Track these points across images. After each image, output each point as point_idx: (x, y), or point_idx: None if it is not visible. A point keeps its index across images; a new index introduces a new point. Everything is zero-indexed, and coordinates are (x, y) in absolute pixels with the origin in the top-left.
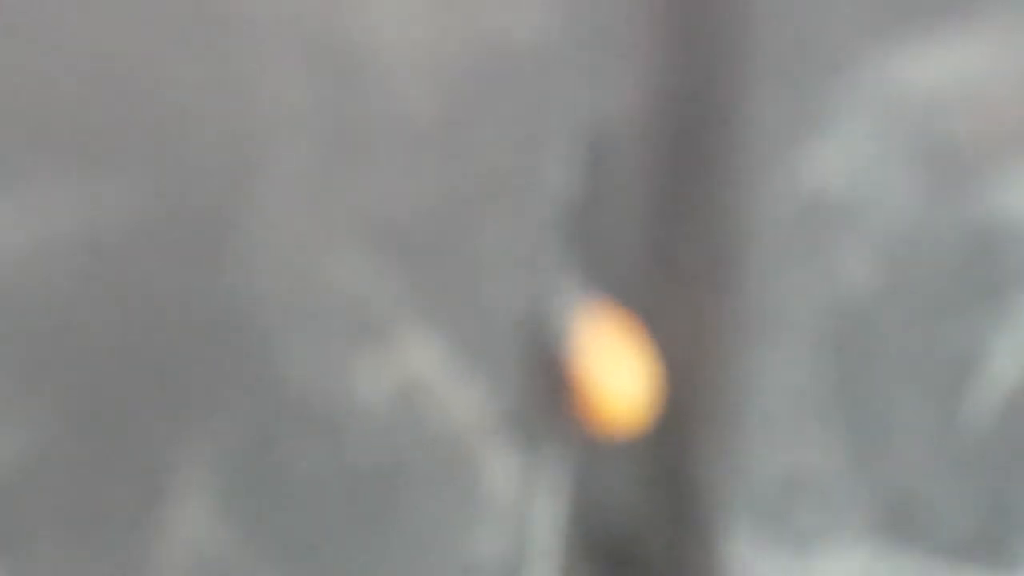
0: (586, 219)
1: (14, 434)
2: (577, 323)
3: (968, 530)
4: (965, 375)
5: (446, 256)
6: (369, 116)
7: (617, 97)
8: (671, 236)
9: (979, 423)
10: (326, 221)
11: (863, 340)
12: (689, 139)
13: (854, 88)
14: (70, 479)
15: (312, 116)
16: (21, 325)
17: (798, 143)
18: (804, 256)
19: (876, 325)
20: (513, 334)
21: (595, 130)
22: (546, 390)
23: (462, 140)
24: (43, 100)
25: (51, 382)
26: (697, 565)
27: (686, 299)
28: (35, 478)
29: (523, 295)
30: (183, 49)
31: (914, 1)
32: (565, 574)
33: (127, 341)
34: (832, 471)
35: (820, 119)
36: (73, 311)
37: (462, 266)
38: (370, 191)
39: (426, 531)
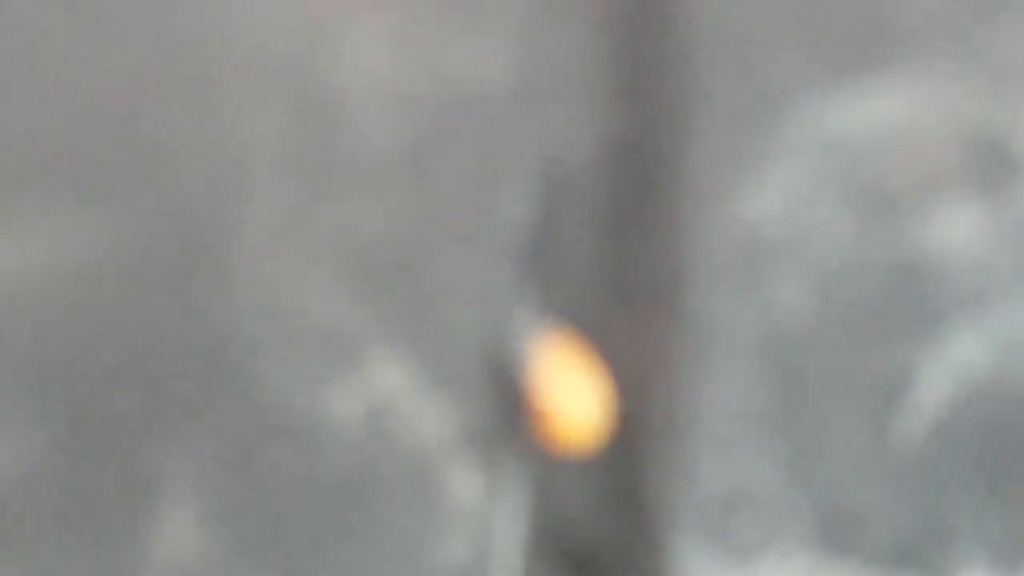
0: (542, 250)
1: (12, 446)
2: (535, 347)
3: (900, 541)
4: (895, 397)
5: (413, 283)
6: (341, 153)
7: (571, 137)
8: (622, 266)
9: (908, 442)
10: (301, 251)
11: (800, 365)
12: (638, 177)
13: (789, 132)
14: (64, 487)
15: (288, 153)
16: (16, 346)
17: (738, 182)
18: (745, 286)
19: (812, 351)
20: (475, 357)
21: (550, 167)
22: (506, 409)
23: (427, 176)
24: (36, 138)
25: (45, 399)
26: (648, 573)
27: (636, 326)
28: (31, 487)
29: (484, 320)
30: (171, 91)
31: (844, 54)
32: None
33: (116, 361)
34: (773, 486)
35: (758, 160)
36: (66, 333)
37: (428, 293)
38: (342, 223)
39: (394, 540)
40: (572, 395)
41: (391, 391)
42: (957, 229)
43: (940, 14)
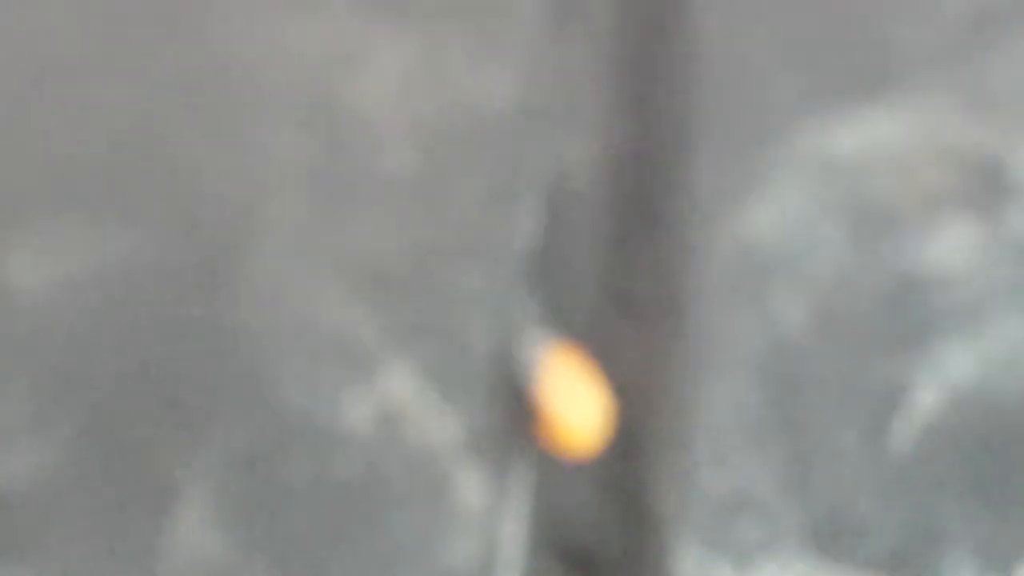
0: (548, 265)
1: (36, 450)
2: (540, 357)
3: (892, 544)
4: (889, 406)
5: (423, 297)
6: (356, 173)
7: (577, 157)
8: (625, 281)
9: (901, 449)
10: (317, 265)
11: (798, 375)
12: (642, 196)
13: (790, 153)
14: (85, 489)
15: (306, 172)
16: (43, 354)
17: (740, 200)
18: (745, 300)
19: (810, 361)
20: (483, 366)
21: (557, 186)
22: (512, 415)
23: (438, 195)
24: (67, 159)
25: (69, 405)
26: (648, 573)
27: (639, 337)
28: (54, 489)
29: (492, 332)
30: (196, 114)
31: (844, 80)
32: None
33: (137, 369)
34: (771, 492)
35: (760, 180)
36: (89, 342)
37: (438, 306)
38: (356, 239)
39: (404, 539)
40: (575, 402)
41: (401, 398)
42: (950, 248)
43: (936, 45)
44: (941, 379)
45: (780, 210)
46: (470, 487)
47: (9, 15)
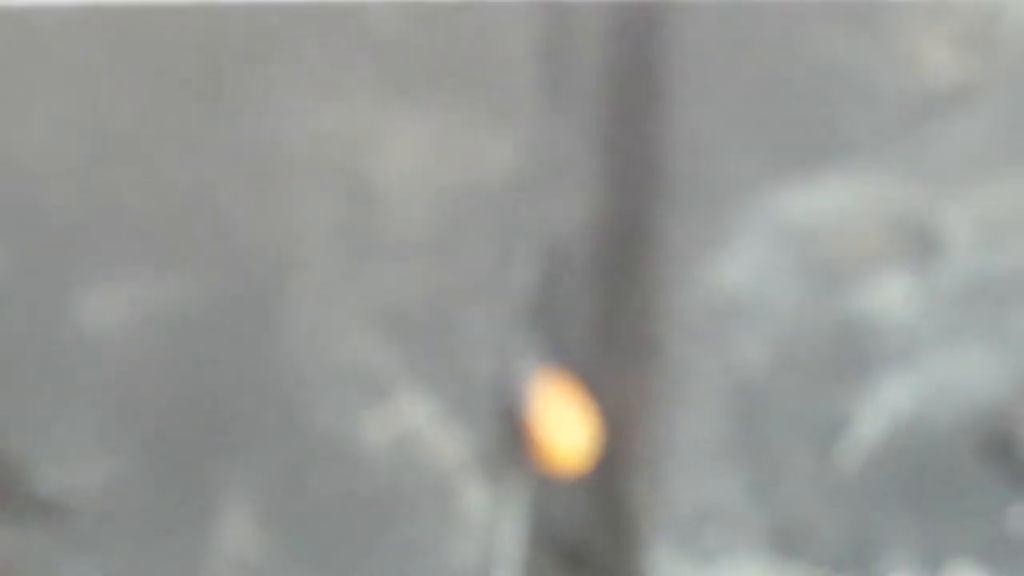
0: (544, 309)
1: (103, 464)
2: (536, 387)
3: (839, 549)
4: (836, 432)
5: (436, 336)
6: (379, 231)
7: (569, 215)
8: (611, 321)
9: (848, 466)
10: (345, 308)
11: (758, 405)
12: (625, 251)
13: (751, 216)
14: (142, 497)
15: (336, 231)
16: (109, 383)
17: (708, 254)
18: (714, 339)
19: (768, 392)
20: (486, 395)
21: (552, 242)
22: (511, 438)
23: (449, 248)
24: (130, 219)
25: (131, 427)
26: (629, 572)
27: (622, 371)
28: (116, 496)
29: (495, 366)
30: (241, 180)
31: (797, 154)
32: None
33: (189, 397)
34: (735, 504)
35: (725, 237)
36: (149, 374)
37: (448, 344)
38: (379, 287)
39: (416, 543)
40: (565, 426)
41: (416, 423)
42: (889, 296)
43: (876, 123)
44: (881, 408)
45: (743, 264)
46: (474, 498)
47: (91, 98)
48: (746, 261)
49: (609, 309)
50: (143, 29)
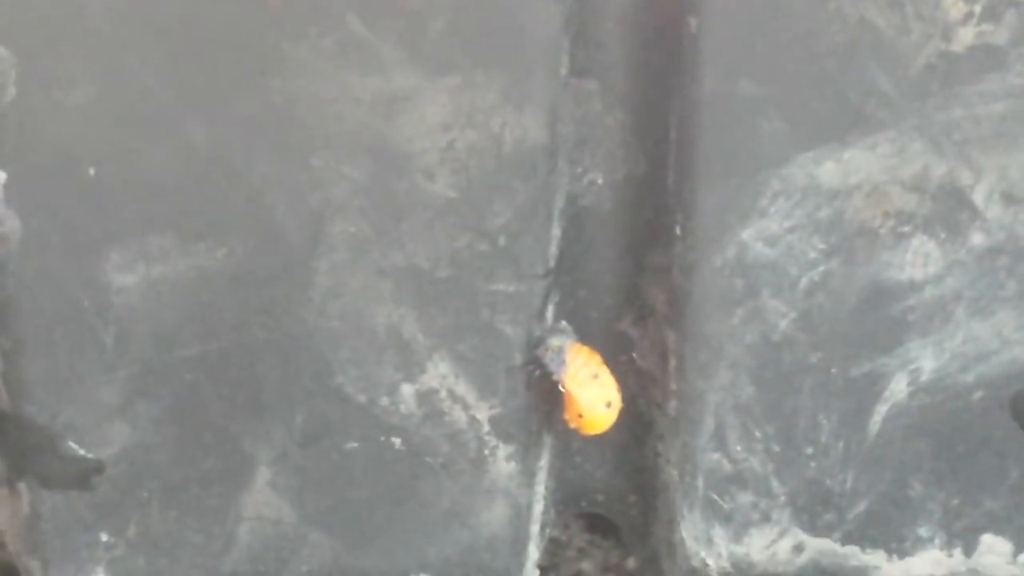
0: (571, 273)
1: (129, 426)
2: (564, 351)
3: (868, 515)
4: (865, 395)
5: (464, 300)
6: (406, 195)
7: (596, 182)
8: (637, 286)
9: (877, 433)
10: (370, 272)
11: (785, 368)
12: (651, 215)
13: (780, 181)
14: (171, 461)
15: (363, 195)
16: (135, 343)
17: (736, 218)
18: (739, 303)
19: (797, 359)
20: (514, 357)
21: (579, 206)
22: (540, 400)
23: (476, 213)
24: (157, 183)
25: (157, 390)
26: (660, 536)
27: (649, 335)
28: (143, 458)
29: (523, 328)
30: (267, 144)
31: (826, 118)
32: (554, 541)
33: (217, 359)
34: (762, 468)
35: (753, 202)
36: (175, 335)
37: (476, 308)
38: (406, 251)
39: (446, 506)
40: (592, 388)
41: (444, 385)
42: (918, 261)
43: (905, 88)
44: (910, 372)
45: (770, 228)
46: (503, 461)
47: (116, 63)
48: (773, 225)
49: (635, 273)
50: None
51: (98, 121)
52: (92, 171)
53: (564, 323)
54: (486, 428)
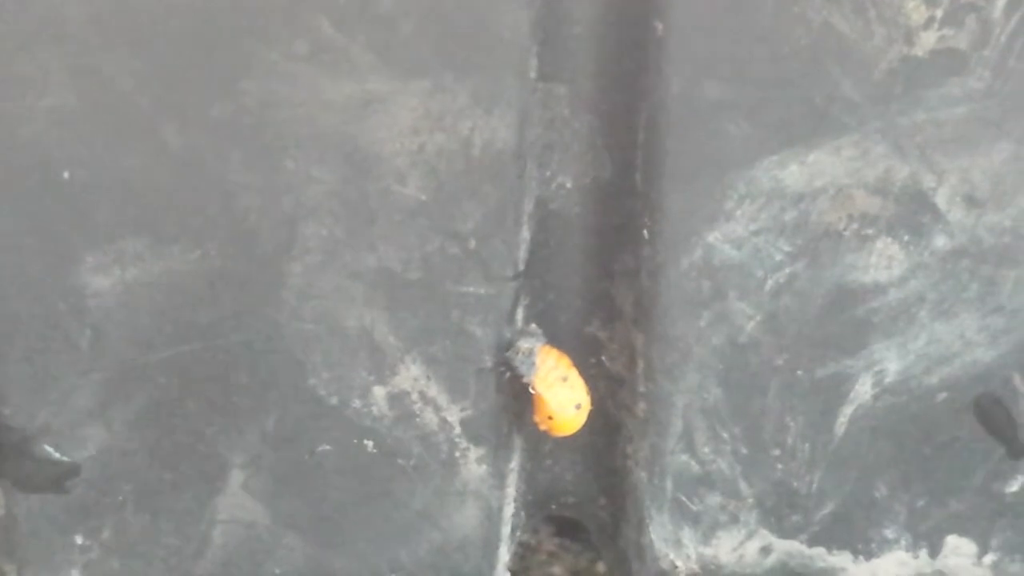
0: (540, 275)
1: (104, 428)
2: (532, 351)
3: (838, 522)
4: (830, 397)
5: (434, 302)
6: (377, 199)
7: (565, 185)
8: (605, 289)
9: (843, 434)
10: (343, 275)
11: (752, 369)
12: (619, 218)
13: (746, 184)
14: (146, 463)
15: (334, 198)
16: (110, 345)
17: (702, 221)
18: (706, 306)
19: (761, 358)
20: (486, 360)
21: (547, 210)
22: (510, 402)
23: (445, 217)
24: (131, 187)
25: (132, 393)
26: (629, 538)
27: (618, 337)
28: (118, 460)
29: (493, 331)
30: (240, 148)
31: (791, 122)
32: (524, 545)
33: (191, 360)
34: (729, 469)
35: (720, 205)
36: (150, 337)
37: (447, 310)
38: (377, 254)
39: (417, 507)
40: (561, 390)
41: (414, 386)
42: (882, 264)
43: (868, 91)
44: (875, 373)
45: (736, 230)
46: (474, 463)
47: (88, 65)
48: (739, 228)
49: (604, 276)
50: None
51: (72, 124)
52: (66, 174)
53: (534, 326)
54: (457, 430)
